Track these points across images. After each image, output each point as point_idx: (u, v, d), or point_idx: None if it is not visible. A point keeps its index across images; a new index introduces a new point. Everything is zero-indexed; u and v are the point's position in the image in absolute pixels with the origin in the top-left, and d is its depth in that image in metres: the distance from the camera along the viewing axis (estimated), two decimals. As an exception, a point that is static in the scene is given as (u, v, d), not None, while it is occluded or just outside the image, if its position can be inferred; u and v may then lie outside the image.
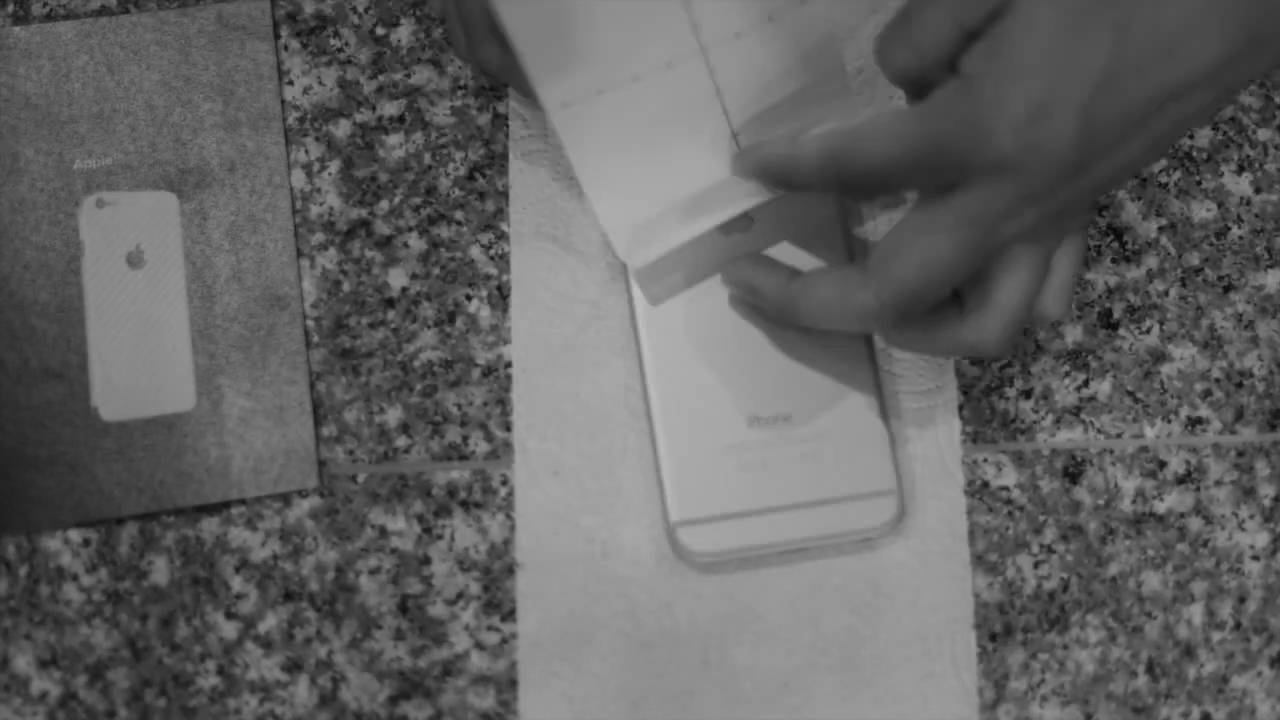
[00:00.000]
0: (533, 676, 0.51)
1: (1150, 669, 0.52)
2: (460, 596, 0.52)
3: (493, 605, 0.52)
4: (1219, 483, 0.53)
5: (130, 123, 0.54)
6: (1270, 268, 0.54)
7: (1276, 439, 0.53)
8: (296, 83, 0.55)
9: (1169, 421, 0.53)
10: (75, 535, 0.52)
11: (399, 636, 0.52)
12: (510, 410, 0.53)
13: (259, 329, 0.53)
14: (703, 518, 0.51)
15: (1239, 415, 0.53)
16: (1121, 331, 0.54)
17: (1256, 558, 0.52)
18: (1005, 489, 0.53)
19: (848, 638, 0.51)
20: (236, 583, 0.52)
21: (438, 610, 0.52)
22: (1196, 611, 0.52)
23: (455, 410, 0.53)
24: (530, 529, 0.52)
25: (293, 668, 0.51)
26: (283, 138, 0.54)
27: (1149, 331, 0.54)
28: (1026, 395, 0.53)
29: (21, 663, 0.51)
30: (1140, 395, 0.53)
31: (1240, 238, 0.54)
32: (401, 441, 0.53)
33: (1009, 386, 0.53)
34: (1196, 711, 0.52)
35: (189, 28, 0.55)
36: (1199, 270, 0.54)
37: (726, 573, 0.52)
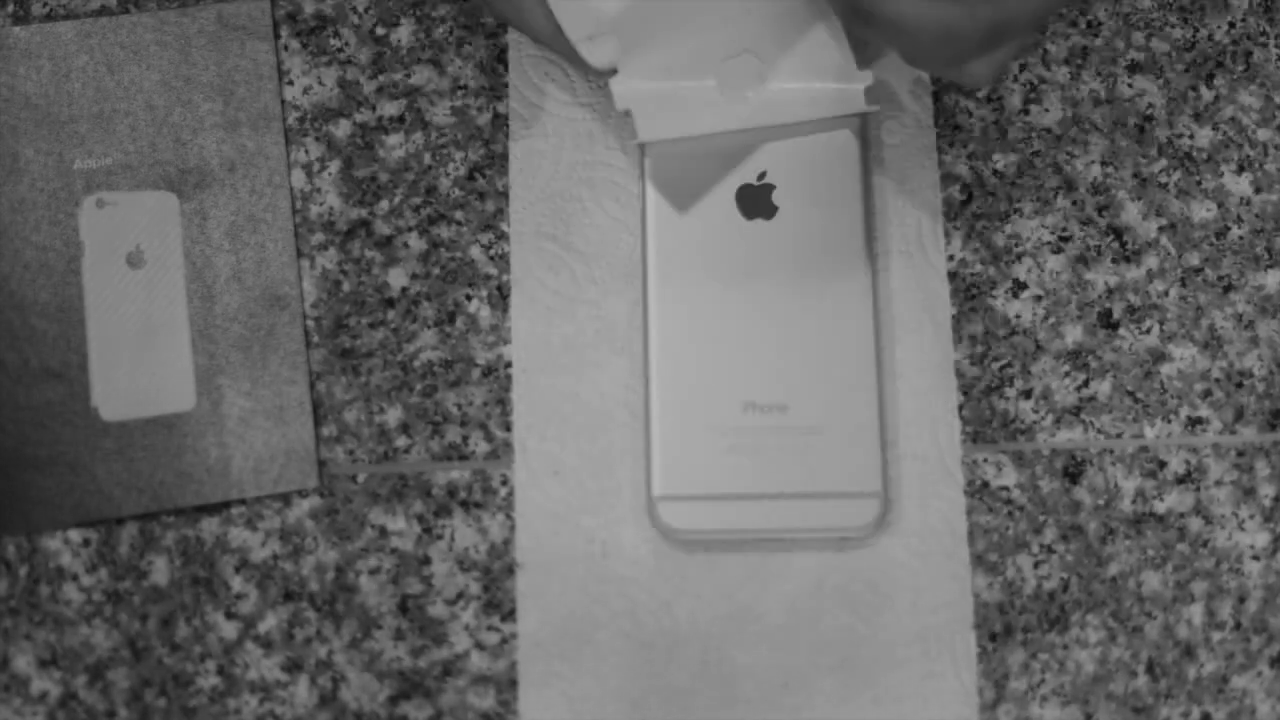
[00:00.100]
0: (533, 676, 0.51)
1: (1150, 669, 0.52)
2: (460, 596, 0.52)
3: (493, 605, 0.52)
4: (1219, 483, 0.53)
5: (130, 123, 0.54)
6: (1270, 268, 0.54)
7: (1276, 439, 0.53)
8: (296, 83, 0.55)
9: (1169, 421, 0.53)
10: (75, 535, 0.52)
11: (399, 636, 0.52)
12: (510, 410, 0.53)
13: (259, 329, 0.53)
14: (685, 495, 0.51)
15: (1239, 415, 0.53)
16: (1121, 331, 0.54)
17: (1256, 558, 0.52)
18: (1005, 489, 0.53)
19: (848, 638, 0.51)
20: (236, 583, 0.52)
21: (438, 610, 0.52)
22: (1196, 611, 0.52)
23: (455, 410, 0.53)
24: (530, 529, 0.52)
25: (293, 668, 0.51)
26: (283, 138, 0.54)
27: (1149, 331, 0.54)
28: (1026, 395, 0.53)
29: (21, 663, 0.51)
30: (1140, 395, 0.53)
31: (1240, 238, 0.54)
32: (401, 441, 0.53)
33: (1009, 386, 0.53)
34: (1196, 711, 0.52)
35: (189, 28, 0.55)
36: (1199, 270, 0.54)
37: (726, 571, 0.52)
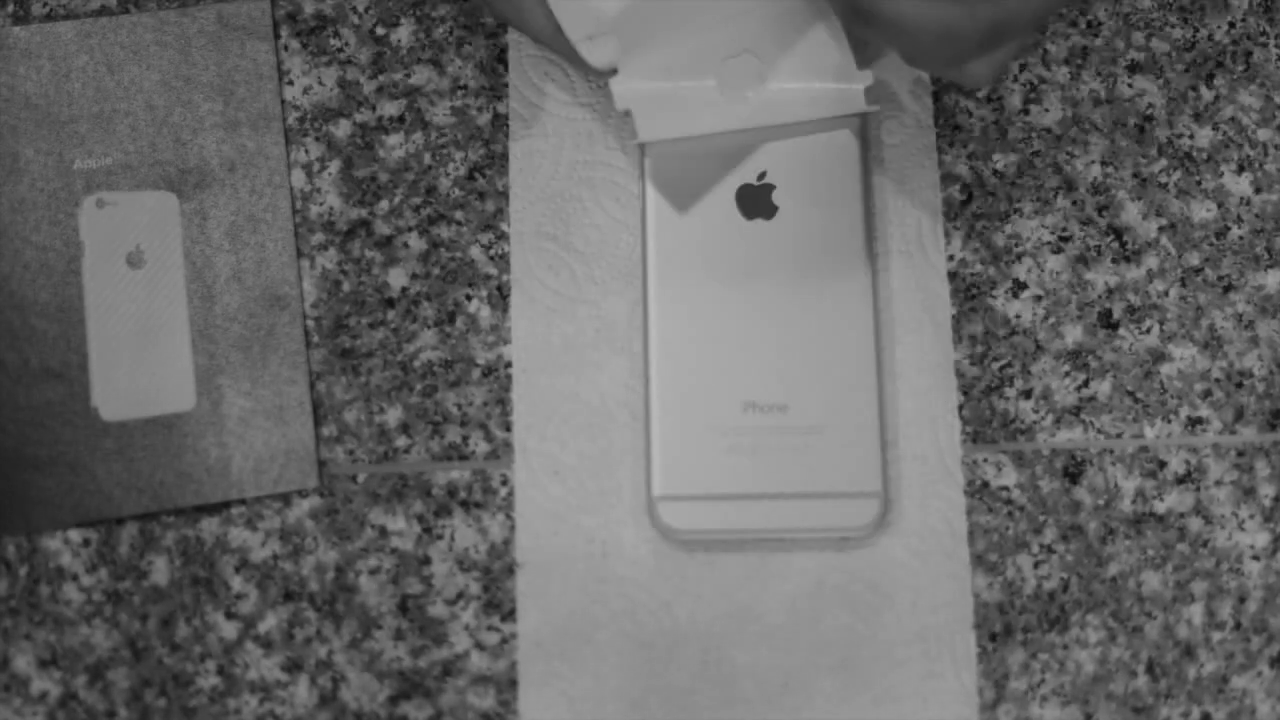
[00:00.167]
0: (533, 676, 0.51)
1: (1150, 669, 0.52)
2: (460, 596, 0.52)
3: (493, 605, 0.52)
4: (1219, 483, 0.53)
5: (130, 123, 0.54)
6: (1270, 268, 0.54)
7: (1276, 439, 0.53)
8: (296, 83, 0.55)
9: (1169, 421, 0.53)
10: (75, 535, 0.52)
11: (399, 636, 0.52)
12: (510, 410, 0.53)
13: (259, 329, 0.53)
14: (685, 495, 0.51)
15: (1239, 415, 0.53)
16: (1121, 331, 0.54)
17: (1256, 558, 0.52)
18: (1005, 489, 0.53)
19: (848, 638, 0.51)
20: (236, 583, 0.52)
21: (438, 610, 0.52)
22: (1196, 611, 0.52)
23: (455, 410, 0.53)
24: (530, 529, 0.52)
25: (293, 668, 0.51)
26: (283, 138, 0.54)
27: (1149, 331, 0.54)
28: (1026, 395, 0.53)
29: (21, 663, 0.51)
30: (1140, 395, 0.53)
31: (1240, 238, 0.54)
32: (401, 441, 0.53)
33: (1009, 386, 0.53)
34: (1196, 711, 0.52)
35: (189, 28, 0.55)
36: (1199, 270, 0.54)
37: (726, 571, 0.52)
